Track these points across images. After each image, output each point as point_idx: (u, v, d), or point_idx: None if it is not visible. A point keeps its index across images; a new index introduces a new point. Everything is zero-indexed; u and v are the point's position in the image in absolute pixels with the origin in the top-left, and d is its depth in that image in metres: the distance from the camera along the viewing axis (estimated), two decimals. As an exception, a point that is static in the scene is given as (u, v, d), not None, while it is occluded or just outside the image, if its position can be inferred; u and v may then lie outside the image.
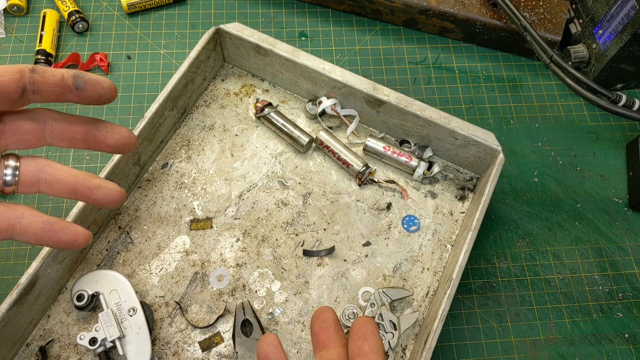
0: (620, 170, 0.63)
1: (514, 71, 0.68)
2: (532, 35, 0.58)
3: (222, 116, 0.62)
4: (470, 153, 0.56)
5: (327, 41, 0.69)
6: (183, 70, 0.56)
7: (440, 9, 0.66)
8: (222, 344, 0.51)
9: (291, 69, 0.59)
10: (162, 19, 0.69)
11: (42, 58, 0.64)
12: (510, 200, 0.60)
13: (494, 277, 0.56)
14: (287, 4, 0.71)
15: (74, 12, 0.67)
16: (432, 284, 0.54)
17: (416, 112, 0.55)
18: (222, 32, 0.59)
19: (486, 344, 0.53)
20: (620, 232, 0.59)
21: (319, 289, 0.54)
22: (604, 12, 0.62)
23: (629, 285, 0.56)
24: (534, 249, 0.58)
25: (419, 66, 0.68)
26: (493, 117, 0.65)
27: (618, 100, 0.53)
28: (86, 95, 0.33)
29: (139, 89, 0.65)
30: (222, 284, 0.53)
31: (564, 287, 0.56)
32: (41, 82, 0.32)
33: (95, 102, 0.33)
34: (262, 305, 0.52)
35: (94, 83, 0.33)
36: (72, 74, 0.32)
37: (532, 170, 0.62)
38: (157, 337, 0.50)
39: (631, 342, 0.54)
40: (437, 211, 0.58)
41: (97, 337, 0.47)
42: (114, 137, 0.35)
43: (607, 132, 0.65)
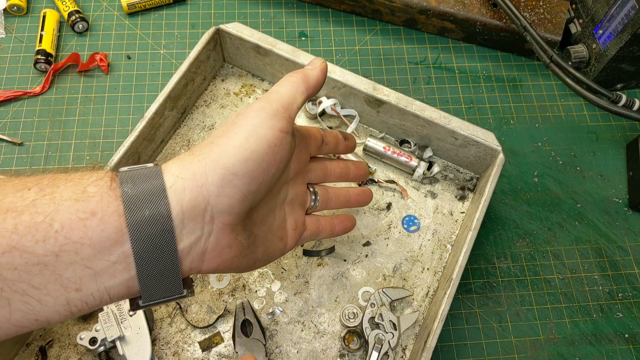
0: (620, 170, 0.63)
1: (514, 71, 0.68)
2: (532, 35, 0.58)
3: (222, 116, 0.62)
4: (470, 153, 0.56)
5: (327, 41, 0.69)
6: (183, 70, 0.56)
7: (440, 9, 0.66)
8: (222, 344, 0.51)
9: (291, 69, 0.59)
10: (162, 19, 0.69)
11: (42, 58, 0.64)
12: (510, 200, 0.60)
13: (494, 277, 0.56)
14: (287, 4, 0.71)
15: (74, 12, 0.67)
16: (432, 284, 0.54)
17: (416, 112, 0.55)
18: (222, 32, 0.59)
19: (486, 344, 0.53)
20: (620, 232, 0.59)
21: (319, 289, 0.54)
22: (604, 12, 0.62)
23: (629, 285, 0.56)
24: (534, 249, 0.58)
25: (419, 66, 0.68)
26: (493, 117, 0.65)
27: (618, 100, 0.53)
28: (349, 145, 0.48)
29: (139, 89, 0.65)
30: (222, 283, 0.53)
31: (564, 287, 0.56)
32: (328, 135, 0.46)
33: (350, 149, 0.49)
34: (262, 305, 0.52)
35: (350, 136, 0.48)
36: (339, 132, 0.47)
37: (532, 170, 0.62)
38: (157, 337, 0.50)
39: (631, 342, 0.54)
40: (437, 211, 0.58)
41: (97, 337, 0.47)
42: (360, 173, 0.49)
43: (607, 132, 0.65)
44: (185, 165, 0.31)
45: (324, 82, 0.40)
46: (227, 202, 0.31)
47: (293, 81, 0.38)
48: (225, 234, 0.32)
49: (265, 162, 0.33)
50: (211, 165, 0.31)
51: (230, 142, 0.32)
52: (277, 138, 0.34)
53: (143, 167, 0.32)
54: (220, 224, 0.32)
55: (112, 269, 0.28)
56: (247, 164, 0.32)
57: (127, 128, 0.62)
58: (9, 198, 0.27)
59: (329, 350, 0.51)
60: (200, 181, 0.30)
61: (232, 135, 0.33)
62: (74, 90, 0.64)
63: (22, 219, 0.26)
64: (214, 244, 0.32)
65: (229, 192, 0.31)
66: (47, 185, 0.28)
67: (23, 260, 0.26)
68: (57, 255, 0.27)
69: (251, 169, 0.32)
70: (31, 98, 0.63)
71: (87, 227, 0.27)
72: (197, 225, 0.31)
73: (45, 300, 0.27)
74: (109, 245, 0.28)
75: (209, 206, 0.31)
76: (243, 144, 0.32)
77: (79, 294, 0.28)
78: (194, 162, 0.31)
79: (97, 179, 0.29)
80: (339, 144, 0.47)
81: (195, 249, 0.31)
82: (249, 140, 0.32)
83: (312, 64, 0.40)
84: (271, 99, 0.36)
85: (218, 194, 0.31)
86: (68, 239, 0.27)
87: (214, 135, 0.34)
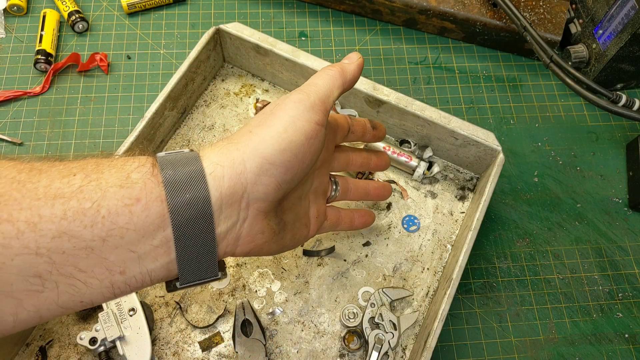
0: (620, 170, 0.63)
1: (514, 71, 0.68)
2: (532, 35, 0.58)
3: (222, 116, 0.62)
4: (470, 153, 0.56)
5: (327, 41, 0.69)
6: (183, 70, 0.56)
7: (440, 9, 0.66)
8: (222, 344, 0.51)
9: (291, 69, 0.59)
10: (162, 19, 0.69)
11: (42, 58, 0.64)
12: (510, 200, 0.60)
13: (494, 277, 0.56)
14: (287, 4, 0.71)
15: (74, 12, 0.67)
16: (432, 284, 0.54)
17: (416, 112, 0.55)
18: (222, 32, 0.59)
19: (486, 344, 0.53)
20: (620, 232, 0.59)
21: (319, 289, 0.54)
22: (604, 12, 0.62)
23: (629, 285, 0.56)
24: (534, 249, 0.58)
25: (419, 66, 0.68)
26: (493, 117, 0.65)
27: (618, 100, 0.53)
28: (377, 134, 0.48)
29: (139, 89, 0.65)
30: (222, 284, 0.53)
31: (564, 287, 0.56)
32: (356, 124, 0.46)
33: (379, 139, 0.49)
34: (262, 305, 0.52)
35: (380, 125, 0.49)
36: (367, 120, 0.48)
37: (532, 170, 0.62)
38: (157, 337, 0.50)
39: (631, 342, 0.54)
40: (437, 211, 0.58)
41: (97, 337, 0.47)
42: (381, 163, 0.51)
43: (607, 132, 0.65)
44: (224, 152, 0.32)
45: (359, 77, 0.41)
46: (263, 189, 0.32)
47: (331, 74, 0.38)
48: (259, 219, 0.34)
49: (301, 153, 0.34)
50: (250, 153, 0.32)
51: (268, 132, 0.33)
52: (314, 130, 0.35)
53: (180, 151, 0.33)
54: (255, 211, 0.33)
55: (154, 252, 0.29)
56: (284, 154, 0.33)
57: (127, 128, 0.62)
58: (55, 184, 0.28)
59: (329, 350, 0.51)
60: (239, 169, 0.31)
61: (271, 125, 0.34)
62: (74, 90, 0.64)
63: (70, 205, 0.27)
64: (248, 229, 0.33)
65: (266, 180, 0.32)
66: (92, 171, 0.29)
67: (71, 244, 0.27)
68: (103, 240, 0.28)
69: (287, 159, 0.33)
70: (31, 98, 0.63)
71: (132, 213, 0.28)
72: (233, 211, 0.32)
73: (90, 282, 0.28)
74: (152, 230, 0.29)
75: (246, 193, 0.32)
76: (281, 134, 0.33)
77: (123, 276, 0.29)
78: (233, 150, 0.32)
79: (140, 165, 0.30)
80: (366, 133, 0.47)
81: (231, 234, 0.32)
82: (287, 131, 0.33)
83: (350, 58, 0.40)
84: (309, 92, 0.36)
85: (255, 181, 0.32)
86: (114, 224, 0.28)
87: (252, 124, 0.34)
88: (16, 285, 0.26)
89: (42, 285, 0.27)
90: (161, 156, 0.32)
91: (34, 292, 0.27)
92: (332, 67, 0.39)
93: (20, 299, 0.27)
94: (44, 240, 0.26)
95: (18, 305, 0.27)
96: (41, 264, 0.26)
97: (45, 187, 0.27)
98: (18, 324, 0.27)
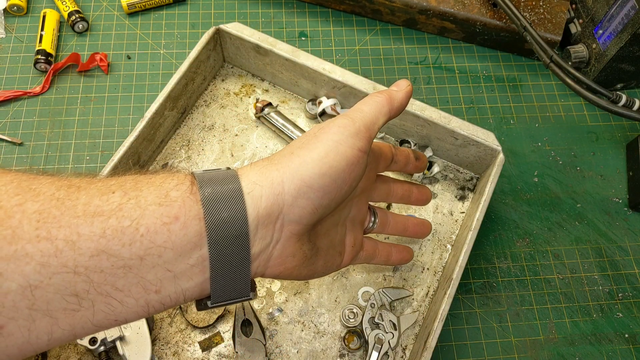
0: (620, 170, 0.63)
1: (514, 71, 0.68)
2: (532, 35, 0.58)
3: (222, 116, 0.62)
4: (470, 153, 0.56)
5: (327, 41, 0.69)
6: (183, 70, 0.56)
7: (440, 9, 0.66)
8: (222, 344, 0.51)
9: (291, 69, 0.59)
10: (162, 19, 0.69)
11: (42, 58, 0.64)
12: (510, 200, 0.60)
13: (494, 277, 0.56)
14: (287, 4, 0.71)
15: (74, 12, 0.67)
16: (432, 284, 0.54)
17: (416, 112, 0.55)
18: (222, 32, 0.59)
19: (486, 344, 0.53)
20: (620, 232, 0.59)
21: (319, 289, 0.54)
22: (604, 12, 0.62)
23: (629, 285, 0.56)
24: (534, 249, 0.58)
25: (419, 66, 0.68)
26: (493, 117, 0.65)
27: (618, 100, 0.53)
28: (419, 165, 0.47)
29: (139, 89, 0.65)
30: (222, 284, 0.53)
31: (564, 287, 0.56)
32: (399, 154, 0.45)
33: (420, 170, 0.48)
34: (262, 305, 0.52)
35: (423, 156, 0.48)
36: (411, 150, 0.47)
37: (532, 170, 0.62)
38: (157, 337, 0.51)
39: (631, 342, 0.54)
40: (437, 211, 0.58)
41: (97, 337, 0.47)
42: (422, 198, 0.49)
43: (607, 132, 0.65)
44: (264, 172, 0.32)
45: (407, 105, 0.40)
46: (298, 212, 0.32)
47: (378, 101, 0.38)
48: (292, 242, 0.33)
49: (341, 179, 0.33)
50: (289, 175, 0.32)
51: (309, 155, 0.33)
52: (356, 157, 0.34)
53: (218, 169, 0.32)
54: (289, 233, 0.33)
55: (190, 271, 0.29)
56: (324, 179, 0.32)
57: (127, 128, 0.62)
58: (94, 201, 0.27)
59: (329, 350, 0.51)
60: (277, 189, 0.31)
61: (313, 148, 0.33)
62: (74, 90, 0.64)
63: (109, 223, 0.27)
64: (280, 251, 0.33)
65: (302, 203, 0.32)
66: (131, 189, 0.29)
67: (110, 263, 0.27)
68: (141, 259, 0.27)
69: (326, 184, 0.33)
70: (31, 98, 0.63)
71: (171, 232, 0.28)
72: (268, 232, 0.32)
73: (126, 301, 0.28)
74: (190, 249, 0.29)
75: (282, 214, 0.32)
76: (323, 158, 0.33)
77: (158, 295, 0.29)
78: (273, 171, 0.32)
79: (179, 184, 0.30)
80: (409, 164, 0.47)
81: (263, 255, 0.32)
82: (328, 155, 0.33)
83: (398, 86, 0.40)
84: (355, 117, 0.36)
85: (292, 204, 0.32)
86: (153, 243, 0.28)
87: (294, 145, 0.34)
88: (53, 303, 0.26)
89: (78, 304, 0.26)
90: (199, 173, 0.31)
91: (71, 310, 0.26)
92: (379, 93, 0.39)
93: (56, 317, 0.26)
94: (83, 258, 0.26)
95: (54, 324, 0.26)
96: (79, 282, 0.26)
97: (85, 205, 0.27)
98: (52, 342, 0.27)
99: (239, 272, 0.31)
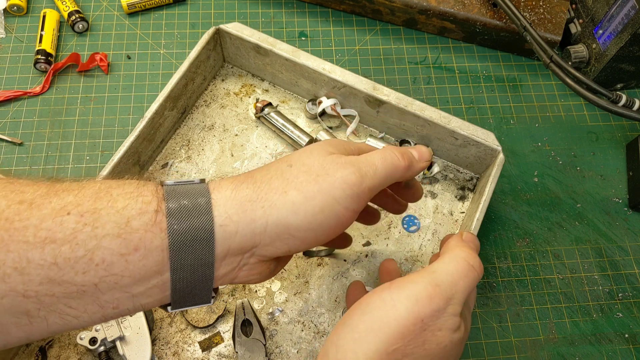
0: (620, 170, 0.63)
1: (514, 71, 0.68)
2: (532, 35, 0.58)
3: (222, 116, 0.62)
4: (470, 153, 0.56)
5: (327, 41, 0.69)
6: (183, 70, 0.56)
7: (440, 9, 0.66)
8: (222, 344, 0.51)
9: (291, 69, 0.59)
10: (162, 19, 0.69)
11: (42, 58, 0.64)
12: (510, 200, 0.60)
13: (494, 277, 0.56)
14: (287, 4, 0.71)
15: (74, 12, 0.67)
16: (432, 284, 0.54)
17: (416, 112, 0.55)
18: (222, 32, 0.59)
19: (486, 344, 0.53)
20: (620, 232, 0.59)
21: (319, 289, 0.54)
22: (604, 12, 0.62)
23: (629, 285, 0.56)
24: (534, 249, 0.58)
25: (419, 66, 0.68)
26: (493, 117, 0.65)
27: (618, 100, 0.53)
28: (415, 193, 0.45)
29: (139, 89, 0.65)
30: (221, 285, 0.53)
31: (564, 287, 0.56)
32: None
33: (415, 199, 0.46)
34: (262, 305, 0.52)
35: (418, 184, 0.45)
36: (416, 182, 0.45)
37: (532, 170, 0.62)
38: (157, 337, 0.50)
39: (631, 342, 0.54)
40: (437, 211, 0.58)
41: (97, 337, 0.47)
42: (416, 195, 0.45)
43: (607, 132, 0.65)
44: (245, 206, 0.30)
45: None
46: (272, 251, 0.32)
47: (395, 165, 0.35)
48: (258, 265, 0.33)
49: (325, 235, 0.33)
50: (274, 219, 0.31)
51: (304, 205, 0.31)
52: (347, 218, 0.33)
53: (192, 186, 0.31)
54: (258, 260, 0.33)
55: (150, 291, 0.29)
56: (308, 233, 0.32)
57: (127, 128, 0.62)
58: (46, 224, 0.26)
59: (329, 350, 0.51)
60: (257, 229, 0.31)
61: (310, 197, 0.31)
62: (74, 90, 0.64)
63: (61, 251, 0.26)
64: (246, 272, 0.33)
65: (279, 245, 0.32)
66: (88, 210, 0.27)
67: (62, 288, 0.26)
68: (96, 285, 0.27)
69: (310, 237, 0.32)
70: (31, 98, 0.63)
71: (129, 262, 0.27)
72: (236, 259, 0.32)
73: (82, 317, 0.28)
74: (149, 276, 0.28)
75: (255, 249, 0.31)
76: (317, 213, 0.31)
77: (115, 310, 0.29)
78: (257, 208, 0.31)
79: (142, 212, 0.28)
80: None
81: (228, 276, 0.32)
82: (323, 212, 0.32)
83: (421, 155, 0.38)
84: (365, 175, 0.33)
85: (269, 244, 0.31)
86: (108, 272, 0.27)
87: (289, 178, 0.32)
88: (4, 319, 0.26)
89: (29, 322, 0.26)
90: (169, 191, 0.30)
91: (23, 324, 0.26)
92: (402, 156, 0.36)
93: (8, 331, 0.26)
94: (32, 284, 0.26)
95: (7, 334, 0.27)
96: (30, 303, 0.26)
97: (35, 228, 0.26)
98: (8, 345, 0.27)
99: (201, 290, 0.31)
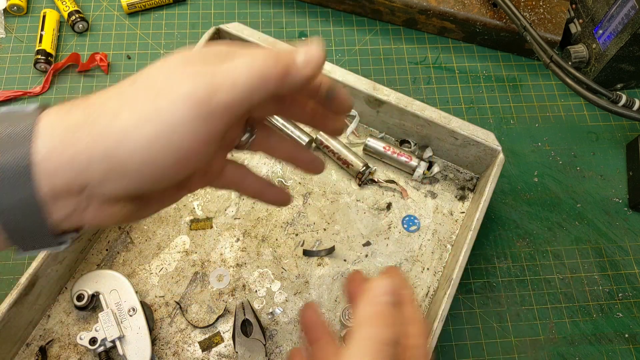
0: (620, 170, 0.63)
1: (514, 71, 0.68)
2: (532, 35, 0.58)
3: (222, 116, 0.62)
4: (470, 153, 0.56)
5: (327, 41, 0.69)
6: (183, 70, 0.56)
7: (440, 9, 0.66)
8: (222, 344, 0.51)
9: (291, 69, 0.59)
10: (162, 19, 0.69)
11: (42, 58, 0.64)
12: (510, 200, 0.60)
13: (494, 277, 0.56)
14: (287, 4, 0.71)
15: (74, 12, 0.67)
16: (432, 284, 0.54)
17: (416, 112, 0.55)
18: (222, 32, 0.59)
19: (486, 344, 0.53)
20: (620, 232, 0.59)
21: (319, 289, 0.54)
22: (604, 12, 0.62)
23: (629, 285, 0.56)
24: (534, 249, 0.58)
25: (419, 66, 0.68)
26: (493, 117, 0.65)
27: (618, 100, 0.53)
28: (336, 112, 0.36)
29: (139, 89, 0.64)
30: (222, 283, 0.53)
31: (564, 287, 0.56)
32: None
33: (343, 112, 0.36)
34: (262, 305, 0.52)
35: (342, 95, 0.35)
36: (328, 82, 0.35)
37: (532, 170, 0.62)
38: (157, 337, 0.51)
39: (631, 342, 0.54)
40: (437, 211, 0.58)
41: (97, 337, 0.47)
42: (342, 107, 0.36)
43: (607, 132, 0.65)
44: (68, 137, 0.25)
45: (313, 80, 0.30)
46: (110, 190, 0.26)
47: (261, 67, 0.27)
48: (106, 207, 0.27)
49: (166, 172, 0.26)
50: (100, 152, 0.25)
51: (133, 132, 0.25)
52: (195, 149, 0.26)
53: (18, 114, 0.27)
54: (100, 201, 0.27)
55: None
56: (143, 167, 0.26)
57: (127, 128, 0.62)
58: None
59: (329, 350, 0.51)
60: (80, 166, 0.25)
61: (142, 121, 0.25)
62: (74, 90, 0.64)
63: None
64: (92, 214, 0.27)
65: (112, 184, 0.26)
66: None
67: None
68: None
69: (145, 172, 0.26)
70: (31, 98, 0.63)
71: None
72: (70, 202, 0.26)
73: None
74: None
75: (86, 190, 0.26)
76: (151, 142, 0.25)
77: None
78: (82, 138, 0.25)
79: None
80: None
81: (71, 218, 0.27)
82: (159, 140, 0.25)
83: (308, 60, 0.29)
84: (217, 88, 0.25)
85: (101, 183, 0.26)
86: None
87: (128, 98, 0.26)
88: None
89: None
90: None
91: None
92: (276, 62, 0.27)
93: None
94: None
95: None
96: None
97: None
98: None
99: (41, 235, 0.27)
